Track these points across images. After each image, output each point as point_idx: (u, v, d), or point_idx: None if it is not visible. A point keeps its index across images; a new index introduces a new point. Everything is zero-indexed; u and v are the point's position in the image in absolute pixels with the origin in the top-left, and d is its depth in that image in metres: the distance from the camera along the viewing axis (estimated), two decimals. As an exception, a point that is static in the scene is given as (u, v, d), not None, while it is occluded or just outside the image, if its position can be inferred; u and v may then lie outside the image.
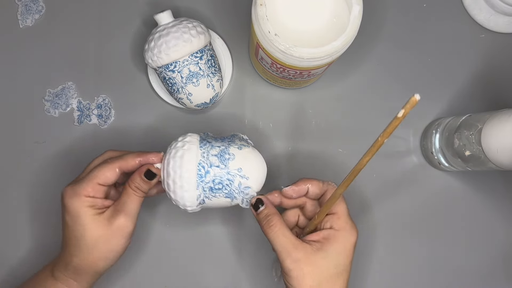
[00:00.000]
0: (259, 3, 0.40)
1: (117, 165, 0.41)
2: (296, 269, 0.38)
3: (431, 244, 0.53)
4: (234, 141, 0.43)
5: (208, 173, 0.40)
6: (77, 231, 0.40)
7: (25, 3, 0.55)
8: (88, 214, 0.40)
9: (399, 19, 0.56)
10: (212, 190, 0.41)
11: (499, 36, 0.56)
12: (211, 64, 0.49)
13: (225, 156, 0.41)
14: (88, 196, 0.40)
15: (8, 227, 0.52)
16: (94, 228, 0.40)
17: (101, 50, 0.54)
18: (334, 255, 0.39)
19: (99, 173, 0.40)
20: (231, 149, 0.42)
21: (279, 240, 0.39)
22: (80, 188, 0.40)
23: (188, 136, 0.42)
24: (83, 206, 0.40)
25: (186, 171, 0.40)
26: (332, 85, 0.55)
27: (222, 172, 0.41)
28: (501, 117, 0.42)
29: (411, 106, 0.29)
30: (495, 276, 0.53)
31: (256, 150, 0.43)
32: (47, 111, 0.54)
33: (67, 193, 0.40)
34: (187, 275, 0.52)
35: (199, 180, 0.40)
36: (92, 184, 0.40)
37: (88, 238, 0.40)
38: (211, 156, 0.41)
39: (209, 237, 0.52)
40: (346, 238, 0.40)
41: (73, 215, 0.40)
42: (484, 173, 0.54)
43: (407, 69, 0.55)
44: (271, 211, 0.41)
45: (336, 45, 0.40)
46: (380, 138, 0.33)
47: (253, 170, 0.42)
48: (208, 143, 0.42)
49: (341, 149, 0.54)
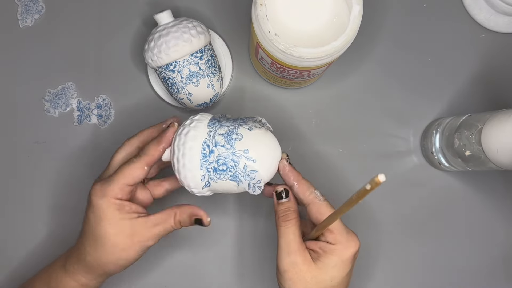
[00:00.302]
0: (259, 3, 0.40)
1: (144, 163, 0.40)
2: (292, 271, 0.38)
3: (431, 244, 0.53)
4: (246, 122, 0.41)
5: (213, 152, 0.38)
6: (98, 231, 0.39)
7: (25, 3, 0.55)
8: (113, 218, 0.39)
9: (399, 19, 0.56)
10: (216, 171, 0.39)
11: (499, 36, 0.56)
12: (211, 64, 0.49)
13: (232, 136, 0.39)
14: (116, 198, 0.39)
15: (8, 227, 0.52)
16: (116, 234, 0.39)
17: (101, 50, 0.54)
18: (330, 268, 0.39)
19: (127, 173, 0.39)
20: (240, 129, 0.39)
21: (287, 237, 0.39)
22: (109, 188, 0.39)
23: (199, 115, 0.41)
24: (110, 208, 0.39)
25: (189, 148, 0.38)
26: (332, 85, 0.55)
27: (227, 153, 0.38)
28: (501, 117, 0.42)
29: (375, 186, 0.28)
30: (495, 276, 0.53)
31: (270, 134, 0.41)
32: (47, 111, 0.54)
33: (95, 191, 0.39)
34: (187, 275, 0.52)
35: (203, 159, 0.38)
36: (121, 185, 0.39)
37: (107, 241, 0.39)
38: (217, 135, 0.39)
39: (209, 235, 0.52)
40: (342, 252, 0.39)
41: (97, 214, 0.39)
42: (484, 173, 0.54)
43: (407, 69, 0.55)
44: (293, 206, 0.40)
45: (336, 45, 0.40)
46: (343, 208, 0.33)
47: (261, 153, 0.39)
48: (218, 122, 0.40)
49: (341, 149, 0.54)
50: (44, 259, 0.46)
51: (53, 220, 0.52)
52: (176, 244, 0.52)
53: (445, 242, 0.53)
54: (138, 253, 0.40)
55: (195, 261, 0.52)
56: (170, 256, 0.52)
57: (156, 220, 0.40)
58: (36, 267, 0.46)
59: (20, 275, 0.51)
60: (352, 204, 0.32)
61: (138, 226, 0.39)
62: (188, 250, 0.52)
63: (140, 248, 0.40)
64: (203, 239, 0.52)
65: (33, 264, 0.51)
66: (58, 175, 0.53)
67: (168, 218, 0.40)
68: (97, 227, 0.39)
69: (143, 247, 0.40)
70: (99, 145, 0.53)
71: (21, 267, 0.51)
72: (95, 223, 0.39)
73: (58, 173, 0.53)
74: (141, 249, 0.40)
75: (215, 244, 0.52)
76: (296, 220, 0.40)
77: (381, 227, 0.53)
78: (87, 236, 0.40)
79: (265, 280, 0.51)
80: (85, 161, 0.53)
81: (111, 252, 0.39)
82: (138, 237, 0.40)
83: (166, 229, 0.41)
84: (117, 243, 0.39)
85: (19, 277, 0.51)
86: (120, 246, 0.39)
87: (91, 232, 0.40)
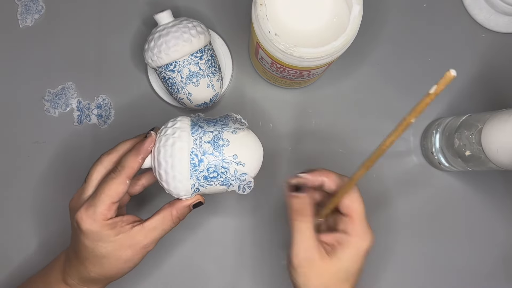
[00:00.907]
0: (259, 3, 0.40)
1: (125, 177, 0.39)
2: (306, 267, 0.38)
3: (431, 244, 0.53)
4: (227, 123, 0.41)
5: (202, 161, 0.38)
6: (97, 252, 0.39)
7: (24, 3, 0.55)
8: (110, 237, 0.39)
9: (399, 19, 0.56)
10: (207, 178, 0.39)
11: (499, 36, 0.56)
12: (211, 64, 0.49)
13: (219, 142, 0.39)
14: (107, 219, 0.39)
15: (9, 227, 0.52)
16: (116, 249, 0.39)
17: (101, 50, 0.54)
18: (345, 261, 0.38)
19: (111, 191, 0.38)
20: (225, 134, 0.39)
21: (303, 233, 0.38)
22: (97, 213, 0.38)
23: (178, 121, 0.40)
24: (103, 230, 0.38)
25: (179, 160, 0.38)
26: (332, 85, 0.55)
27: (217, 160, 0.39)
28: (501, 117, 0.42)
29: (446, 82, 0.26)
30: (495, 276, 0.53)
31: (251, 132, 0.41)
32: (47, 111, 0.54)
33: (82, 218, 0.38)
34: (187, 275, 0.52)
35: (193, 169, 0.38)
36: (107, 205, 0.38)
37: (110, 258, 0.39)
38: (204, 143, 0.39)
39: (209, 234, 0.52)
40: (359, 244, 0.38)
41: (92, 239, 0.39)
42: (484, 173, 0.54)
43: (407, 69, 0.55)
44: (309, 201, 0.39)
45: (336, 45, 0.40)
46: (408, 116, 0.28)
47: (249, 156, 0.40)
48: (200, 128, 0.40)
49: (341, 149, 0.54)
50: (45, 259, 0.46)
51: (53, 220, 0.52)
52: (176, 244, 0.52)
53: (445, 242, 0.53)
54: (141, 259, 0.41)
55: (195, 261, 0.52)
56: (170, 256, 0.52)
57: (152, 225, 0.40)
58: (36, 267, 0.46)
59: (20, 275, 0.51)
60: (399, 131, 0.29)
61: (136, 236, 0.39)
62: (188, 250, 0.52)
63: (142, 254, 0.41)
64: (203, 238, 0.52)
65: (33, 265, 0.51)
66: (58, 175, 0.53)
67: (165, 220, 0.40)
68: (95, 249, 0.39)
69: (145, 252, 0.41)
70: (99, 145, 0.53)
71: (21, 267, 0.51)
72: (92, 246, 0.39)
73: (58, 173, 0.53)
74: (143, 254, 0.41)
75: (215, 243, 0.52)
76: (312, 215, 0.39)
77: (381, 227, 0.53)
78: (86, 258, 0.40)
79: (265, 280, 0.51)
80: (85, 161, 0.53)
81: (116, 265, 0.40)
82: (138, 246, 0.40)
83: (164, 230, 0.41)
84: (119, 257, 0.39)
85: (19, 278, 0.51)
86: (123, 258, 0.40)
87: (90, 254, 0.39)
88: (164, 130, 0.40)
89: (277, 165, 0.53)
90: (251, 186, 0.40)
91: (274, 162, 0.53)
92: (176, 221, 0.41)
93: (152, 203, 0.52)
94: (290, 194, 0.39)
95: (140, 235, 0.39)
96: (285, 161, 0.53)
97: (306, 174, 0.40)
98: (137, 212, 0.51)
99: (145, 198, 0.52)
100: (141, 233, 0.39)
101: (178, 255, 0.52)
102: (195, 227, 0.52)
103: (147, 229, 0.40)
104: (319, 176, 0.40)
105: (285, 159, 0.53)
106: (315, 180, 0.40)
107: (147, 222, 0.40)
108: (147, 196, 0.52)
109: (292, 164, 0.53)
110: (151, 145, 0.40)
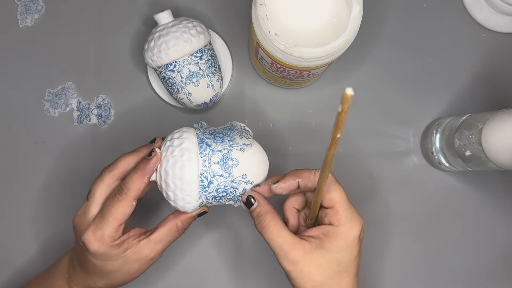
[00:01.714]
0: (259, 3, 0.40)
1: (131, 199, 0.38)
2: (296, 270, 0.37)
3: (431, 244, 0.53)
4: (234, 139, 0.40)
5: (212, 183, 0.39)
6: (106, 269, 0.39)
7: (24, 3, 0.55)
8: (117, 255, 0.39)
9: (399, 19, 0.56)
10: (216, 198, 0.39)
11: (499, 36, 0.56)
12: (211, 64, 0.49)
13: (228, 162, 0.39)
14: (114, 240, 0.39)
15: (9, 228, 0.52)
16: (124, 264, 0.39)
17: (101, 50, 0.54)
18: (335, 253, 0.37)
19: (118, 214, 0.38)
20: (233, 152, 0.39)
21: (274, 242, 0.37)
22: (104, 236, 0.38)
23: (184, 140, 0.39)
24: (111, 250, 0.38)
25: (188, 183, 0.38)
26: (332, 85, 0.54)
27: (226, 181, 0.39)
28: (501, 117, 0.42)
29: (346, 101, 0.25)
30: (495, 276, 0.53)
31: (258, 147, 0.41)
32: (47, 111, 0.54)
33: (90, 242, 0.38)
34: (187, 275, 0.52)
35: (202, 190, 0.39)
36: (115, 228, 0.38)
37: (119, 272, 0.40)
38: (213, 164, 0.38)
39: (209, 235, 0.52)
40: (347, 234, 0.37)
41: (102, 258, 0.39)
42: (484, 173, 0.54)
43: (407, 69, 0.55)
44: (263, 209, 0.38)
45: (336, 45, 0.40)
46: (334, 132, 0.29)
47: (257, 174, 0.40)
48: (208, 147, 0.39)
49: (341, 149, 0.54)
50: (45, 260, 0.46)
51: (53, 220, 0.52)
52: (176, 244, 0.52)
53: (445, 242, 0.53)
54: (147, 269, 0.42)
55: (195, 262, 0.52)
56: (170, 257, 0.52)
57: (158, 237, 0.40)
58: (37, 268, 0.46)
59: (21, 276, 0.51)
60: (333, 145, 0.30)
61: (143, 250, 0.40)
62: (188, 251, 0.52)
63: (149, 265, 0.41)
64: (203, 239, 0.52)
65: (34, 266, 0.51)
66: (58, 175, 0.53)
67: (170, 231, 0.41)
68: (103, 267, 0.39)
69: (151, 263, 0.41)
70: (99, 145, 0.53)
71: (22, 267, 0.51)
72: (101, 265, 0.39)
73: (58, 173, 0.53)
74: (150, 265, 0.41)
75: (215, 244, 0.52)
76: (274, 220, 0.38)
77: (381, 227, 0.53)
78: (95, 272, 0.40)
79: (266, 280, 0.51)
80: (85, 161, 0.53)
81: (124, 277, 0.41)
82: (145, 259, 0.40)
83: (170, 242, 0.41)
84: (127, 270, 0.40)
85: (20, 279, 0.51)
86: (131, 271, 0.40)
87: (98, 270, 0.40)
88: (170, 149, 0.39)
89: (277, 166, 0.53)
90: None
91: (274, 162, 0.53)
92: (181, 232, 0.41)
93: (155, 206, 0.52)
94: (248, 211, 0.40)
95: (147, 249, 0.40)
96: (285, 161, 0.53)
97: (279, 183, 0.39)
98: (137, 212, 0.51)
99: (145, 199, 0.52)
100: (148, 247, 0.40)
101: (178, 257, 0.52)
102: (195, 228, 0.52)
103: (153, 242, 0.40)
104: (291, 179, 0.39)
105: (285, 159, 0.53)
106: (290, 185, 0.39)
107: (153, 235, 0.40)
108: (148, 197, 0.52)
109: (292, 164, 0.53)
110: (157, 164, 0.39)
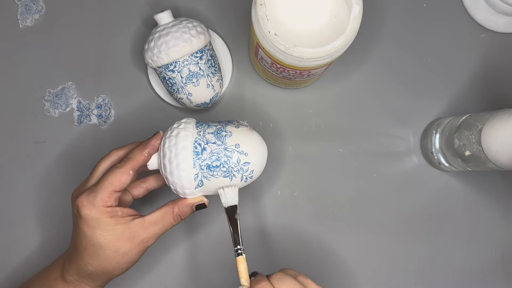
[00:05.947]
0: (259, 3, 0.40)
1: (129, 167, 0.40)
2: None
3: (430, 244, 0.53)
4: (231, 121, 0.43)
5: (205, 150, 0.39)
6: (95, 241, 0.39)
7: (25, 3, 0.55)
8: (108, 225, 0.39)
9: (399, 19, 0.56)
10: (210, 168, 0.39)
11: (499, 36, 0.56)
12: (211, 64, 0.49)
13: (222, 133, 0.40)
14: (106, 206, 0.39)
15: (9, 227, 0.52)
16: (114, 240, 0.39)
17: (101, 50, 0.54)
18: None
19: (114, 179, 0.39)
20: (228, 127, 0.41)
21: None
22: (97, 198, 0.39)
23: (184, 119, 0.42)
24: (103, 216, 0.39)
25: (182, 148, 0.39)
26: (332, 85, 0.55)
27: (219, 149, 0.39)
28: (501, 117, 0.42)
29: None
30: (495, 276, 0.53)
31: (255, 132, 0.42)
32: (47, 111, 0.54)
33: (82, 204, 0.39)
34: (187, 275, 0.52)
35: (196, 157, 0.39)
36: (109, 192, 0.39)
37: (108, 249, 0.39)
38: (207, 134, 0.40)
39: (209, 234, 0.52)
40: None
41: (91, 225, 0.39)
42: (484, 173, 0.54)
43: (407, 69, 0.55)
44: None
45: (336, 45, 0.40)
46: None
47: (251, 147, 0.40)
48: (205, 123, 0.41)
49: (341, 149, 0.54)
50: (45, 259, 0.46)
51: (53, 220, 0.52)
52: (176, 244, 0.52)
53: (445, 242, 0.53)
54: (140, 253, 0.41)
55: (195, 261, 0.52)
56: (170, 256, 0.52)
57: (153, 219, 0.40)
58: (37, 267, 0.46)
59: (21, 275, 0.51)
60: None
61: (135, 228, 0.40)
62: (187, 250, 0.52)
63: (141, 249, 0.40)
64: (203, 238, 0.52)
65: (34, 265, 0.51)
66: (58, 175, 0.53)
67: (166, 215, 0.41)
68: (93, 238, 0.39)
69: (143, 247, 0.40)
70: (99, 145, 0.53)
71: (22, 268, 0.51)
72: (91, 234, 0.39)
73: (58, 173, 0.53)
74: (142, 249, 0.41)
75: (215, 243, 0.52)
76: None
77: (381, 227, 0.53)
78: (85, 247, 0.40)
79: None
80: (85, 161, 0.53)
81: (113, 258, 0.40)
82: (137, 239, 0.40)
83: (164, 226, 0.41)
84: (117, 248, 0.39)
85: (19, 278, 0.51)
86: (121, 250, 0.39)
87: (88, 243, 0.39)
88: (171, 126, 0.41)
89: (277, 165, 0.53)
90: (253, 176, 0.41)
91: (275, 162, 0.53)
92: (177, 219, 0.41)
93: (156, 206, 0.52)
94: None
95: (139, 228, 0.40)
96: (285, 161, 0.53)
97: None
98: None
99: (147, 200, 0.52)
100: (141, 226, 0.40)
101: (178, 256, 0.52)
102: (195, 228, 0.52)
103: (147, 222, 0.40)
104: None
105: (285, 159, 0.53)
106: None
107: (147, 216, 0.40)
108: (150, 198, 0.52)
109: (292, 164, 0.53)
110: (158, 142, 0.41)
